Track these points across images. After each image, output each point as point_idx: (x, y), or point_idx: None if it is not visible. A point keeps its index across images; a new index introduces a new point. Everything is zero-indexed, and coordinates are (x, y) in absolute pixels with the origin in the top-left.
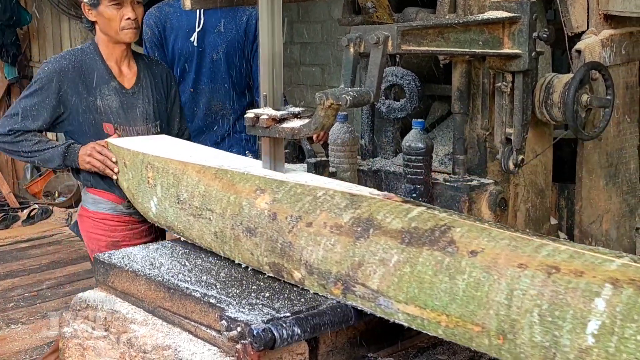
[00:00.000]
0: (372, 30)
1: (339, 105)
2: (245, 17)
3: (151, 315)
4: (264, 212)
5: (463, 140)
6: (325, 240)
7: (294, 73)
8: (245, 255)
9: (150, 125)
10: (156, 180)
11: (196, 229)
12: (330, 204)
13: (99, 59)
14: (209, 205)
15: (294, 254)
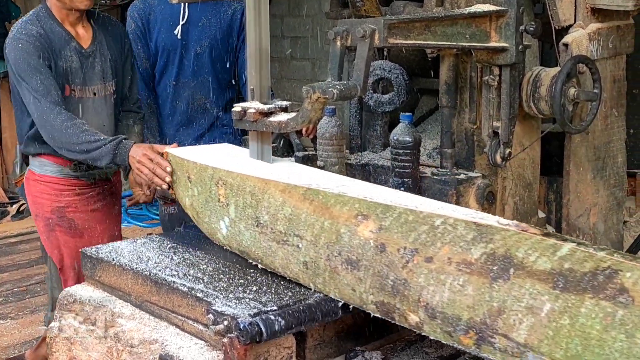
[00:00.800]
0: (359, 23)
1: (325, 99)
2: (230, 11)
3: (138, 310)
4: (368, 242)
5: (451, 134)
6: (452, 280)
7: (284, 67)
8: (345, 290)
9: (108, 84)
10: (229, 199)
11: (280, 256)
12: (453, 235)
13: (56, 23)
14: (297, 230)
15: (410, 293)
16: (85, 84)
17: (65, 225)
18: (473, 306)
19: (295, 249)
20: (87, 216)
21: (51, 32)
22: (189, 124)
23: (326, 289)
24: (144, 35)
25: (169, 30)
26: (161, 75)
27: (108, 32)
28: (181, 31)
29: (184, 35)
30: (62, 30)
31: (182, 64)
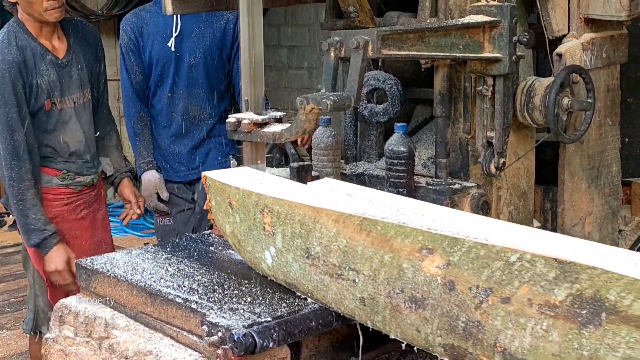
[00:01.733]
0: (352, 34)
1: (319, 110)
2: (224, 22)
3: (133, 321)
4: (435, 278)
5: (445, 144)
6: (534, 324)
7: (281, 76)
8: (408, 331)
9: (85, 91)
10: (276, 228)
11: (333, 291)
12: (532, 273)
13: (30, 38)
14: (353, 264)
15: (485, 337)
16: (64, 94)
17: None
18: (560, 354)
19: (351, 283)
20: (74, 225)
21: (26, 49)
22: (184, 135)
23: (386, 328)
24: (137, 48)
25: (163, 43)
26: (156, 87)
27: (82, 39)
28: (174, 43)
29: (177, 46)
30: (37, 44)
31: (176, 76)
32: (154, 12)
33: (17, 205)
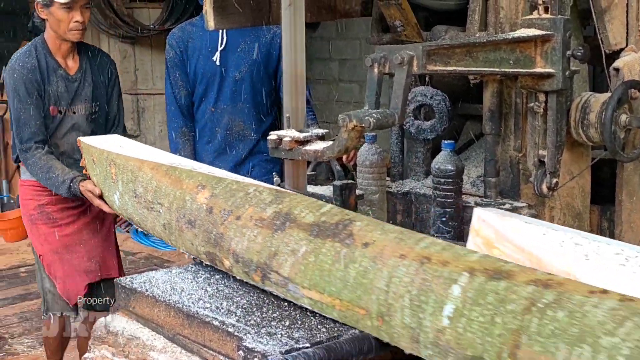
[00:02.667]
0: (397, 50)
1: (362, 127)
2: (270, 36)
3: (171, 343)
4: (202, 206)
5: (495, 162)
6: (250, 232)
7: (331, 90)
8: (187, 245)
9: (89, 105)
10: (118, 176)
11: (149, 220)
12: (258, 199)
13: (49, 54)
14: (160, 199)
15: (224, 244)
16: (69, 104)
17: (45, 218)
18: (260, 251)
19: (158, 214)
20: (64, 212)
21: (43, 62)
22: (227, 151)
23: (177, 245)
24: (183, 63)
25: (208, 57)
26: (200, 101)
27: (95, 63)
28: (219, 57)
29: (222, 61)
30: (52, 60)
31: (220, 90)
32: (200, 25)
33: (40, 175)
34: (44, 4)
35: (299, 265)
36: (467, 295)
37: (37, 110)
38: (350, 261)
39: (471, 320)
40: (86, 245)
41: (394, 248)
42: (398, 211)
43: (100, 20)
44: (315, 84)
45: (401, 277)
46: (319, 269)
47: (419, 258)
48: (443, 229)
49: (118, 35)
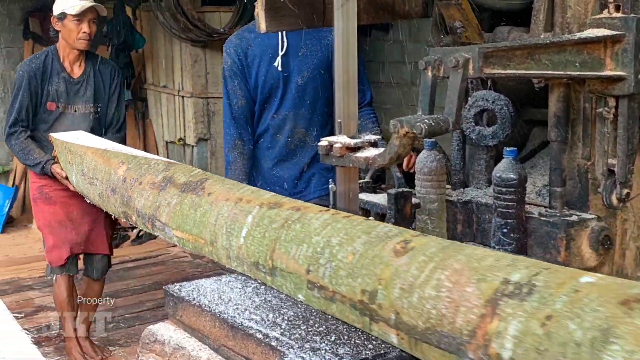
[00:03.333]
0: (452, 52)
1: (414, 134)
2: (332, 37)
3: (215, 354)
4: (120, 177)
5: (561, 171)
6: (145, 193)
7: (404, 93)
8: (112, 208)
9: (88, 105)
10: (73, 161)
11: (91, 192)
12: (155, 169)
13: (57, 59)
14: (96, 175)
15: (132, 203)
16: (68, 103)
17: (43, 197)
18: (150, 206)
19: (96, 187)
20: (59, 193)
21: (48, 64)
22: (288, 158)
23: (107, 208)
24: (242, 72)
25: (269, 63)
26: (262, 109)
27: (98, 70)
28: (281, 63)
29: (284, 66)
30: (59, 64)
31: (283, 97)
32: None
33: (20, 155)
34: (59, 18)
35: (171, 213)
36: (255, 221)
37: (29, 102)
38: (198, 206)
39: (254, 237)
40: (75, 223)
41: (224, 195)
42: (458, 221)
43: (172, 24)
44: (387, 87)
45: (223, 214)
46: (182, 214)
47: (235, 200)
48: (504, 240)
49: (189, 40)
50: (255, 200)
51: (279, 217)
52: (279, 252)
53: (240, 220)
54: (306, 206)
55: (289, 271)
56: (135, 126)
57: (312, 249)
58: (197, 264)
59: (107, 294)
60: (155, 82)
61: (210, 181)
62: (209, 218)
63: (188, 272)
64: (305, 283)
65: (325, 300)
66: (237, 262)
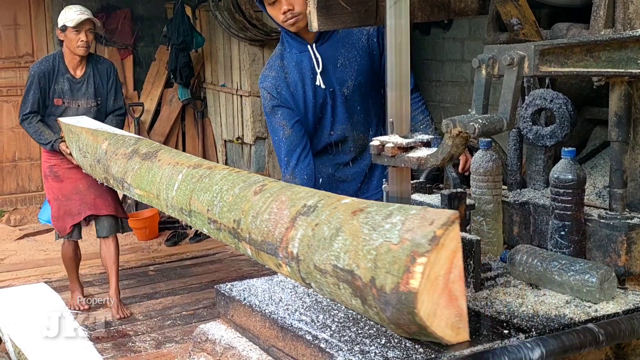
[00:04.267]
0: (507, 49)
1: (467, 134)
2: (365, 38)
3: (266, 355)
4: (104, 150)
5: (622, 172)
6: (119, 162)
7: (463, 92)
8: (100, 175)
9: (89, 100)
10: (72, 139)
11: (85, 164)
12: (127, 143)
13: (62, 62)
14: (88, 150)
15: (110, 170)
16: (72, 99)
17: (53, 175)
18: (120, 171)
19: (87, 159)
20: (66, 171)
21: (56, 66)
22: (350, 164)
23: (95, 176)
24: (286, 103)
25: (311, 83)
26: (314, 128)
27: (98, 70)
28: (321, 80)
29: (327, 81)
30: (63, 66)
31: (334, 112)
32: (286, 54)
33: (34, 136)
34: (61, 29)
35: (134, 176)
36: (184, 177)
37: (40, 96)
38: (151, 169)
39: (181, 190)
40: (81, 194)
41: (167, 160)
42: (515, 222)
43: (231, 24)
44: (447, 85)
45: (165, 174)
46: (140, 176)
47: (173, 163)
48: (562, 243)
49: (247, 39)
50: (186, 163)
51: (197, 175)
52: (194, 199)
53: (174, 178)
54: (216, 166)
55: (198, 212)
56: (194, 125)
57: (211, 195)
58: (253, 263)
59: (167, 291)
60: (214, 81)
61: (162, 151)
62: (156, 178)
63: (245, 271)
64: (207, 219)
65: (216, 230)
66: (171, 209)
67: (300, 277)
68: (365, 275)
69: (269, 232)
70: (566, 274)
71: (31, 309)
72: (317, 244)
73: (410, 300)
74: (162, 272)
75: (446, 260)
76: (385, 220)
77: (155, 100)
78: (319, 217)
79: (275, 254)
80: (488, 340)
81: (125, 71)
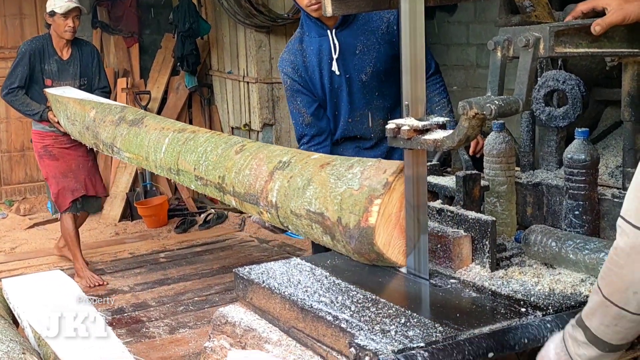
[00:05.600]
0: (522, 31)
1: (483, 115)
2: (385, 25)
3: (286, 336)
4: (92, 118)
5: (634, 152)
6: (107, 128)
7: (469, 75)
8: (90, 141)
9: (76, 81)
10: (60, 107)
11: (73, 131)
12: (114, 111)
13: (50, 44)
14: (76, 118)
15: (99, 137)
16: (60, 79)
17: (48, 154)
18: (110, 137)
19: (76, 126)
20: (60, 151)
21: (45, 47)
22: (371, 148)
23: (85, 142)
24: (306, 86)
25: (328, 69)
26: (334, 115)
27: (82, 52)
28: (337, 65)
29: (343, 68)
30: (52, 48)
31: (351, 98)
32: (305, 38)
33: (21, 108)
34: (50, 14)
35: (123, 140)
36: (169, 141)
37: (28, 73)
38: (139, 134)
39: (168, 152)
40: (75, 173)
41: (154, 126)
42: (528, 203)
43: (237, 10)
44: (452, 70)
45: (152, 138)
46: (129, 141)
47: (160, 129)
48: (576, 222)
49: (253, 25)
50: (171, 128)
51: (182, 138)
52: (181, 160)
53: (161, 141)
54: (199, 129)
55: (185, 170)
56: (201, 112)
57: (197, 155)
58: (263, 248)
59: (178, 277)
60: (221, 68)
61: (148, 117)
62: (144, 142)
63: (255, 257)
64: (193, 177)
65: (203, 186)
66: (160, 169)
67: (279, 221)
68: (333, 216)
69: (250, 185)
70: (581, 253)
71: (48, 295)
72: (292, 193)
73: (370, 234)
74: (172, 259)
75: (397, 201)
76: (347, 171)
77: (162, 88)
78: (293, 171)
79: (257, 203)
80: (506, 318)
81: (132, 59)
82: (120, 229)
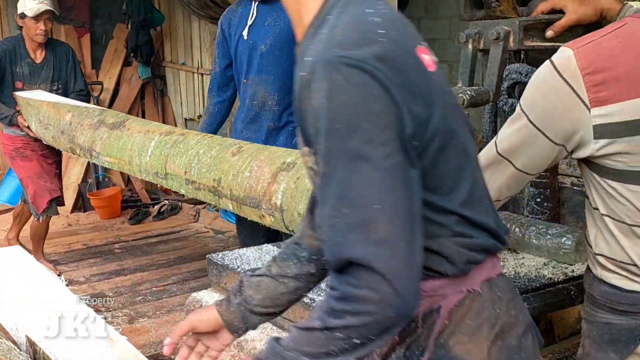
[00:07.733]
0: (492, 25)
1: None
2: None
3: None
4: (68, 122)
5: None
6: (85, 132)
7: None
8: (63, 145)
9: (49, 84)
10: (32, 112)
11: (46, 135)
12: (92, 115)
13: (22, 45)
14: (50, 122)
15: (76, 141)
16: (32, 82)
17: (20, 156)
18: (88, 141)
19: (49, 130)
20: (32, 152)
21: (17, 49)
22: (254, 121)
23: (59, 147)
24: (226, 41)
25: (241, 33)
26: (237, 74)
27: (57, 53)
28: (248, 32)
29: (250, 35)
30: (24, 50)
31: (250, 63)
32: (242, 4)
33: None
34: (20, 17)
35: (102, 144)
36: (155, 144)
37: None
38: (120, 138)
39: (155, 155)
40: (49, 174)
41: (137, 129)
42: None
43: (191, 1)
44: None
45: (136, 142)
46: (110, 145)
47: (144, 131)
48: (537, 210)
49: (208, 17)
50: (157, 131)
51: (170, 141)
52: (170, 163)
53: (147, 145)
54: (188, 132)
55: (174, 174)
56: (154, 104)
57: (188, 158)
58: (219, 239)
59: (134, 267)
60: (174, 60)
61: (130, 120)
62: (127, 145)
63: (211, 247)
64: (184, 180)
65: (195, 190)
66: (145, 173)
67: (284, 225)
68: None
69: (251, 187)
70: (543, 238)
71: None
72: (300, 195)
73: None
74: (128, 250)
75: None
76: None
77: (114, 79)
78: (300, 172)
79: (258, 206)
80: None
81: (83, 49)
82: (73, 220)
